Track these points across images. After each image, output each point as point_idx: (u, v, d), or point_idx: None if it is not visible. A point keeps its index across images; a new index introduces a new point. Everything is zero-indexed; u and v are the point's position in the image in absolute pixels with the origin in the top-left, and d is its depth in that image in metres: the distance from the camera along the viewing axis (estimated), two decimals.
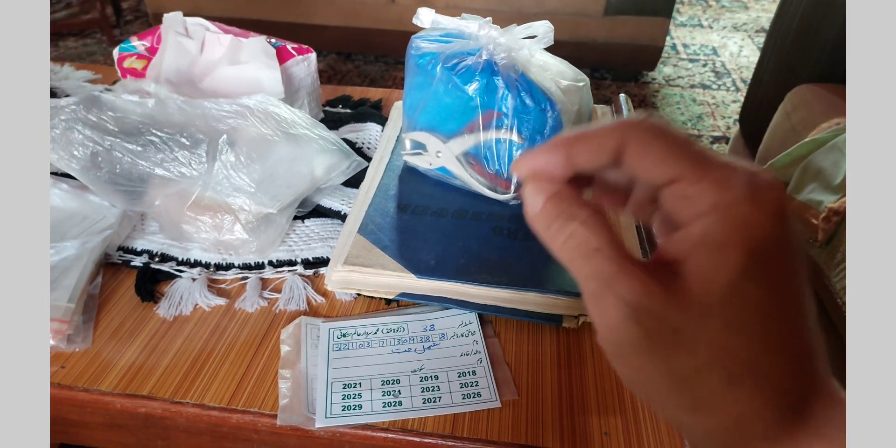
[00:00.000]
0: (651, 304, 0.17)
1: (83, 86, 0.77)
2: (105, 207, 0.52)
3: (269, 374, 0.41)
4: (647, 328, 0.17)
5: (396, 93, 0.78)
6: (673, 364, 0.18)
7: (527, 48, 0.50)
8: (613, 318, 0.18)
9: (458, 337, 0.44)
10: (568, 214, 0.19)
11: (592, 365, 0.43)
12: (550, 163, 0.20)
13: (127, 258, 0.50)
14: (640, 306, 0.17)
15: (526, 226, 0.50)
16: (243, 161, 0.49)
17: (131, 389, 0.40)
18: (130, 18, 2.79)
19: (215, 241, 0.50)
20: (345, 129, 0.68)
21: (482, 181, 0.53)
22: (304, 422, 0.38)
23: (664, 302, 0.17)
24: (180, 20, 0.64)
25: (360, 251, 0.47)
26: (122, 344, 0.43)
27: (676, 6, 2.89)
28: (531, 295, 0.44)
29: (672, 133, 0.18)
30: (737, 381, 0.17)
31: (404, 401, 0.40)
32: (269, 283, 0.49)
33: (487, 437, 0.38)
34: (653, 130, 0.18)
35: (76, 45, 2.51)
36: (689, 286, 0.17)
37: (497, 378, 0.41)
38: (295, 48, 0.64)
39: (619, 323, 0.18)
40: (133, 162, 0.48)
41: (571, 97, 0.50)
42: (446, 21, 0.51)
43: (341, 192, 0.57)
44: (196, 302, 0.47)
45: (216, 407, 0.40)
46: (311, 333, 0.44)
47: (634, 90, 2.22)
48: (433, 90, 0.51)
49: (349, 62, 2.41)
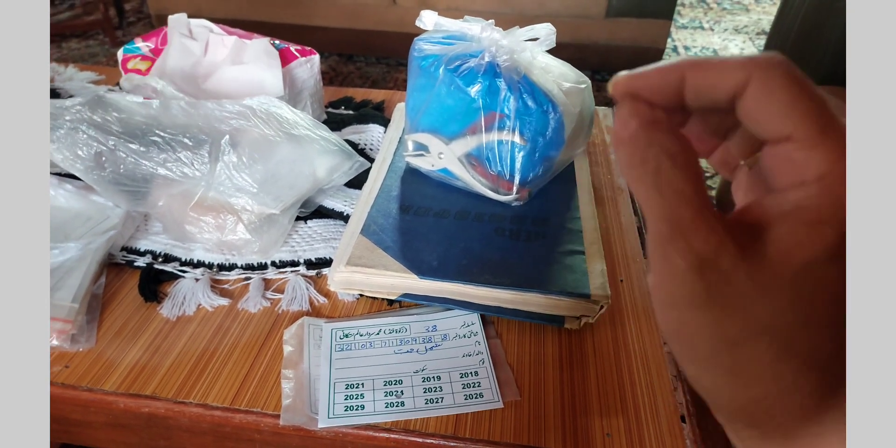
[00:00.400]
0: (723, 260, 0.16)
1: (87, 87, 0.77)
2: (109, 208, 0.52)
3: (272, 375, 0.42)
4: (710, 284, 0.16)
5: (399, 94, 0.78)
6: (725, 326, 0.17)
7: (529, 50, 0.50)
8: (678, 267, 0.17)
9: (460, 338, 0.44)
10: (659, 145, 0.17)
11: (594, 366, 0.43)
12: (661, 84, 0.18)
13: (130, 258, 0.50)
14: (711, 260, 0.16)
15: (527, 227, 0.51)
16: (245, 162, 0.49)
17: (134, 389, 0.40)
18: (133, 20, 2.80)
19: (218, 242, 0.50)
20: (347, 130, 0.68)
21: (484, 182, 0.53)
22: (306, 422, 0.38)
23: (737, 262, 0.16)
24: (184, 22, 0.65)
25: (363, 252, 0.47)
26: (125, 344, 0.44)
27: (678, 8, 2.89)
28: (533, 296, 0.44)
29: (806, 85, 0.17)
30: (785, 357, 0.17)
31: (407, 401, 0.40)
32: (272, 284, 0.49)
33: (489, 438, 0.38)
34: (785, 74, 0.17)
35: (79, 47, 2.52)
36: (768, 253, 0.16)
37: (499, 379, 0.41)
38: (298, 50, 0.64)
39: (682, 272, 0.17)
40: (136, 162, 0.48)
41: (573, 99, 0.51)
42: (449, 23, 0.51)
43: (344, 193, 0.58)
44: (199, 302, 0.47)
45: (219, 407, 0.40)
46: (314, 334, 0.44)
47: None
48: (436, 92, 0.51)
49: (351, 64, 2.42)
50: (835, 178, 0.16)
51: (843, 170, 0.16)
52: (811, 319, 0.17)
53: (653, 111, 0.18)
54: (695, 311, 0.17)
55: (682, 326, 0.18)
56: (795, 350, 0.17)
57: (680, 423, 0.39)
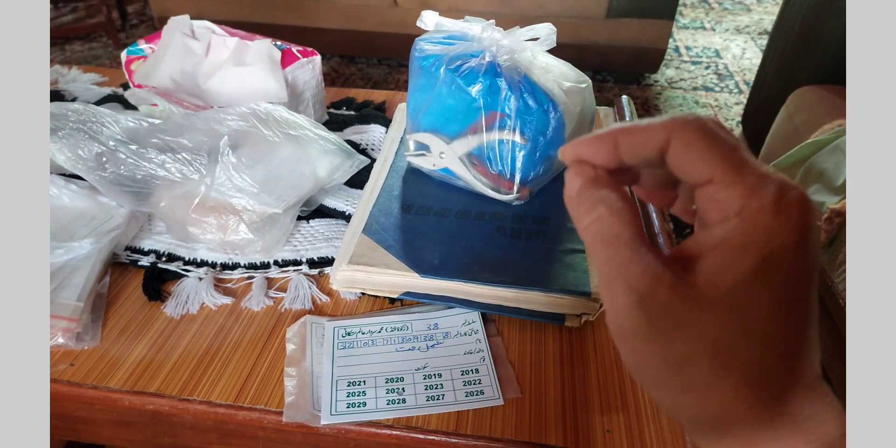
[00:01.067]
0: (658, 292, 0.18)
1: (91, 88, 0.77)
2: (113, 208, 0.52)
3: (275, 372, 0.42)
4: (650, 315, 0.18)
5: (400, 95, 0.78)
6: (669, 349, 0.19)
7: (529, 50, 0.50)
8: (621, 303, 0.19)
9: (461, 335, 0.44)
10: (598, 198, 0.20)
11: (595, 363, 0.43)
12: (596, 152, 0.21)
13: (134, 258, 0.51)
14: (647, 294, 0.18)
15: (528, 226, 0.51)
16: (245, 162, 0.49)
17: (139, 387, 0.41)
18: (136, 22, 2.81)
19: (221, 242, 0.50)
20: (349, 130, 0.68)
21: (485, 182, 0.54)
22: (309, 419, 0.39)
23: (670, 292, 0.18)
24: (187, 23, 0.65)
25: (365, 251, 0.47)
26: (130, 342, 0.44)
27: (679, 9, 2.89)
28: (534, 294, 0.45)
29: (718, 135, 0.19)
30: (725, 371, 0.18)
31: (408, 398, 0.40)
32: (275, 283, 0.49)
33: (491, 435, 0.38)
34: (700, 130, 0.19)
35: (82, 49, 2.53)
36: (697, 281, 0.18)
37: (500, 376, 0.42)
38: (300, 51, 0.64)
39: (625, 307, 0.19)
40: (136, 163, 0.48)
41: (574, 99, 0.51)
42: (449, 24, 0.51)
43: (345, 193, 0.58)
44: (202, 301, 0.47)
45: (223, 404, 0.40)
46: (317, 332, 0.45)
47: (637, 92, 2.23)
48: (437, 92, 0.52)
49: (352, 65, 2.42)
50: (752, 210, 0.18)
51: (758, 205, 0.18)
52: (746, 335, 0.18)
53: (595, 171, 0.21)
54: (643, 340, 0.19)
55: (637, 355, 0.20)
56: (734, 365, 0.18)
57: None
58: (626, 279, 0.18)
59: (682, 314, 0.18)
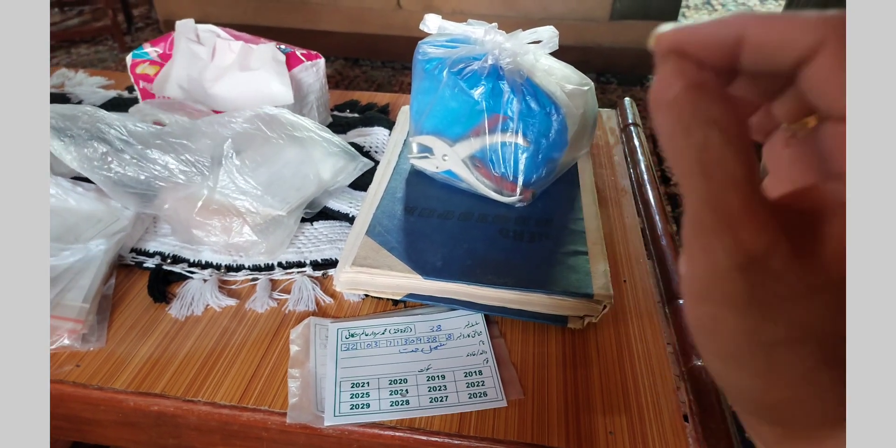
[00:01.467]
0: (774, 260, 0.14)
1: (97, 91, 0.78)
2: (119, 210, 0.53)
3: (279, 374, 0.42)
4: (755, 285, 0.14)
5: (403, 97, 0.79)
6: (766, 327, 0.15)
7: (532, 53, 0.51)
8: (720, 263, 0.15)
9: (464, 337, 0.45)
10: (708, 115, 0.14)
11: (598, 365, 0.43)
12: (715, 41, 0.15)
13: (140, 260, 0.51)
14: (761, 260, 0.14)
15: (531, 228, 0.51)
16: (249, 164, 0.50)
17: (144, 388, 0.41)
18: (141, 25, 2.83)
19: (225, 244, 0.50)
20: (353, 133, 0.69)
21: (488, 184, 0.54)
22: (312, 420, 0.39)
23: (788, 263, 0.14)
24: (192, 27, 0.65)
25: (368, 253, 0.47)
26: (135, 343, 0.44)
27: (682, 10, 2.89)
28: (537, 296, 0.45)
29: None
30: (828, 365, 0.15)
31: (411, 400, 0.40)
32: (279, 285, 0.50)
33: (494, 436, 0.38)
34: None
35: (88, 52, 2.54)
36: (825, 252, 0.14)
37: (503, 378, 0.42)
38: (304, 54, 0.65)
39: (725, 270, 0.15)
40: (140, 164, 0.49)
41: (576, 101, 0.51)
42: (452, 27, 0.52)
43: (349, 195, 0.58)
44: (207, 302, 0.48)
45: (227, 405, 0.40)
46: (320, 333, 0.45)
47: (640, 94, 2.23)
48: (440, 94, 0.52)
49: (356, 67, 2.43)
50: None
51: None
52: None
53: (702, 73, 0.15)
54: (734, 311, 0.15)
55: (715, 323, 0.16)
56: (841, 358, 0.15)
57: (682, 422, 0.39)
58: (735, 235, 0.14)
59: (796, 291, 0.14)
